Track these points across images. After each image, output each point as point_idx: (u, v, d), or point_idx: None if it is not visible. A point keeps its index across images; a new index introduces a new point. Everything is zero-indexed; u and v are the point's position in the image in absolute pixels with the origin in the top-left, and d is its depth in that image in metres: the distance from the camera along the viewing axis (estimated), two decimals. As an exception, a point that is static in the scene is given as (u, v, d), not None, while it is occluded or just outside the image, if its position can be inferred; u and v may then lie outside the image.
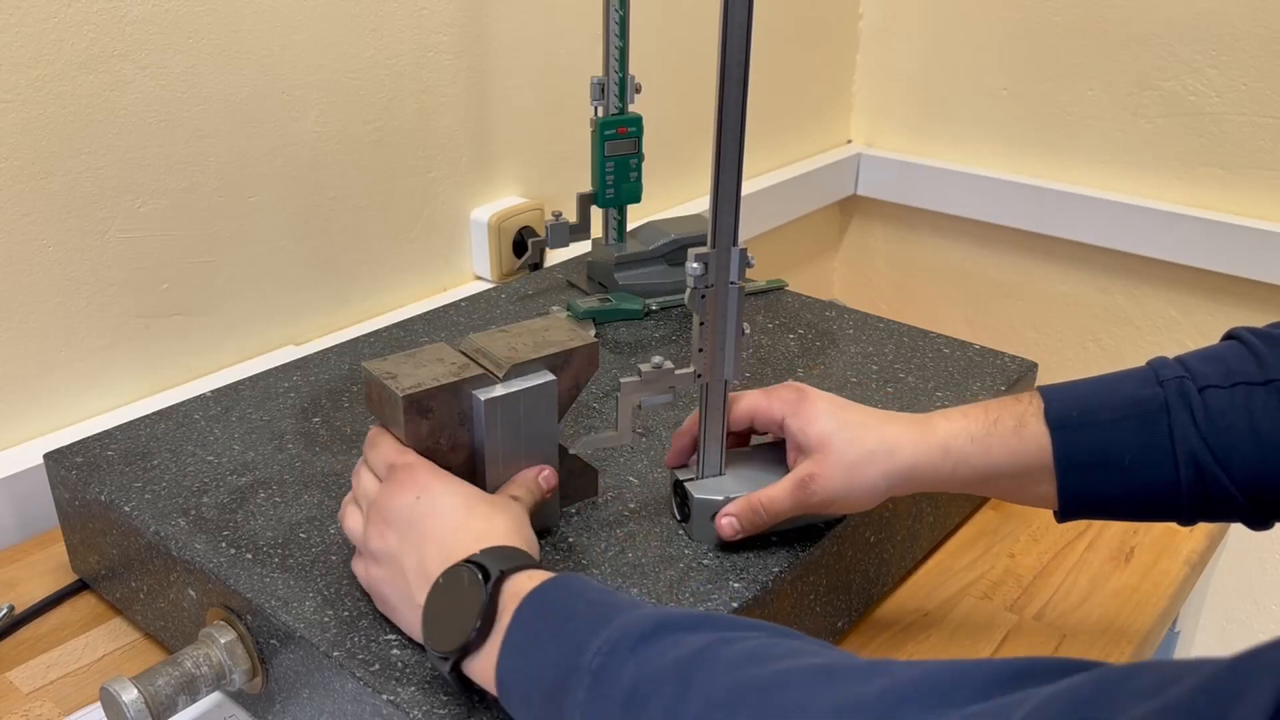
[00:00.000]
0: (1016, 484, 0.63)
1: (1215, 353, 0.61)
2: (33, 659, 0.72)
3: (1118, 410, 0.60)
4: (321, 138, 1.01)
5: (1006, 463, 0.62)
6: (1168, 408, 0.59)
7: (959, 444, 0.62)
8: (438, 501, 0.58)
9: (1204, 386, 0.59)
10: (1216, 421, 0.58)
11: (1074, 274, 1.53)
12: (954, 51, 1.56)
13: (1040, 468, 0.61)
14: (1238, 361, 0.60)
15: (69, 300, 0.87)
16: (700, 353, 0.64)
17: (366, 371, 0.63)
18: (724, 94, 0.59)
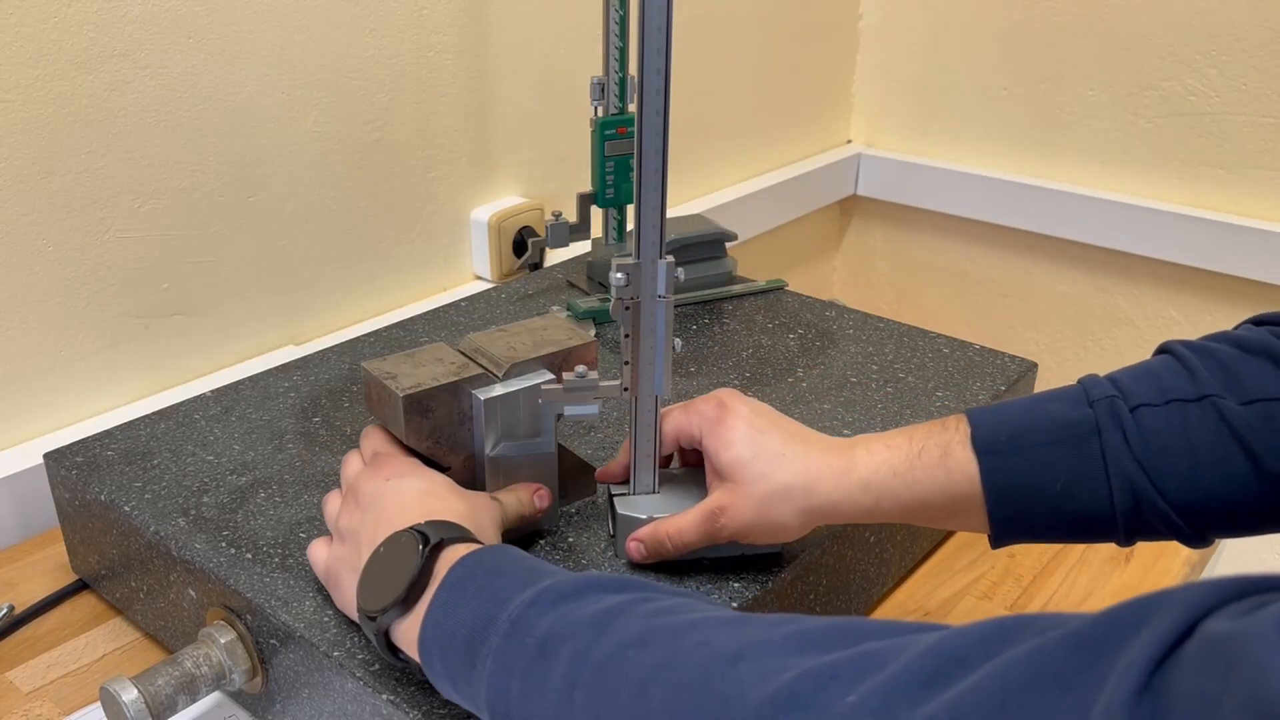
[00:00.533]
0: (945, 514, 0.60)
1: (1148, 368, 0.59)
2: (33, 659, 0.72)
3: (1048, 433, 0.58)
4: (321, 138, 1.01)
5: (932, 494, 0.59)
6: (1099, 430, 0.57)
7: (880, 478, 0.59)
8: (405, 483, 0.59)
9: (1136, 405, 0.57)
10: (1151, 442, 0.56)
11: (1074, 274, 1.53)
12: (954, 51, 1.56)
13: (968, 497, 0.58)
14: (1171, 378, 0.57)
15: (69, 300, 0.87)
16: (626, 365, 0.62)
17: (366, 372, 0.63)
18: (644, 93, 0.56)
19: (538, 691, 0.45)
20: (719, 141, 1.47)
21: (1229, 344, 0.58)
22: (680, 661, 0.42)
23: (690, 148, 1.42)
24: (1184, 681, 0.30)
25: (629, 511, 0.64)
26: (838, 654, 0.39)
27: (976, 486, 0.58)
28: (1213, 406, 0.56)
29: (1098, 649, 0.32)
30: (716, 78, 1.43)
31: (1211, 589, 0.32)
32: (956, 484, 0.58)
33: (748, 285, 1.05)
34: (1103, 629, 0.33)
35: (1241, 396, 0.55)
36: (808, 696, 0.37)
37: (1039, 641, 0.34)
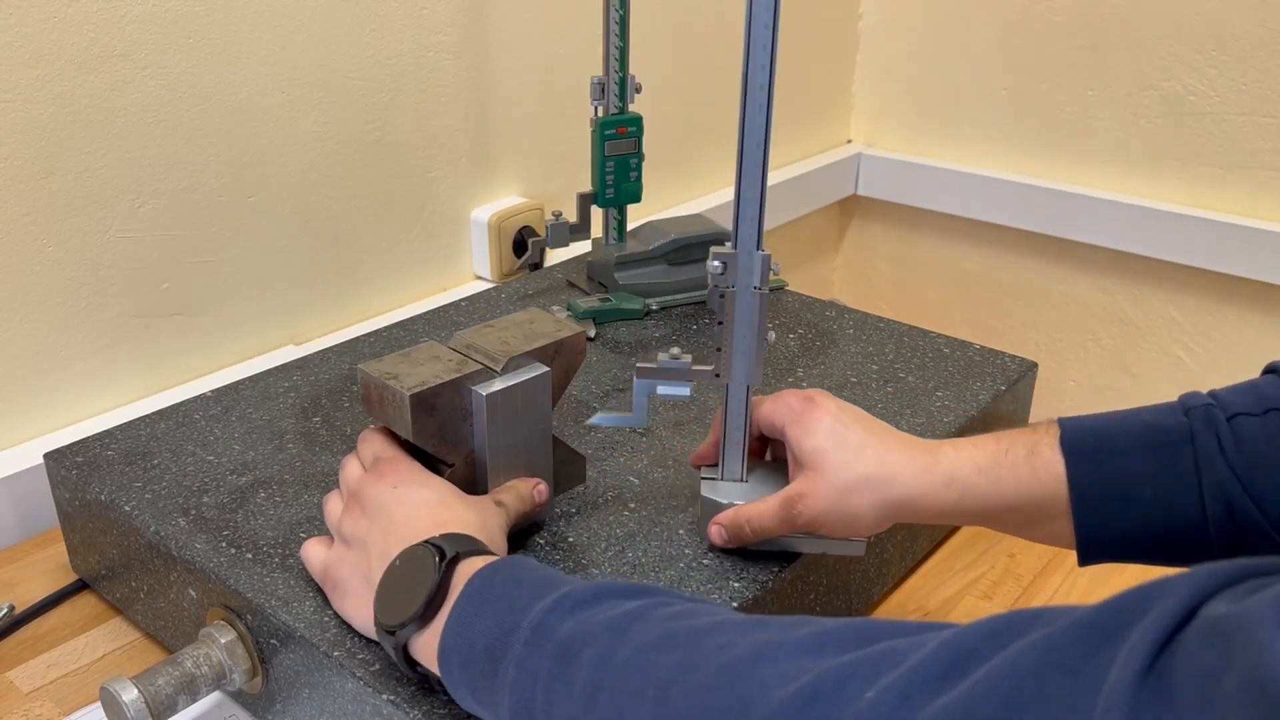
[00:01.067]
0: (1028, 519, 0.58)
1: (1251, 384, 0.57)
2: (33, 659, 0.72)
3: (1138, 438, 0.56)
4: (321, 138, 1.01)
5: (1016, 495, 0.57)
6: (1192, 436, 0.55)
7: (964, 474, 0.58)
8: (413, 492, 0.59)
9: (1234, 415, 0.54)
10: (1247, 451, 0.54)
11: (1074, 274, 1.53)
12: (954, 51, 1.56)
13: (1053, 500, 0.57)
14: (1272, 389, 0.55)
15: (69, 300, 0.87)
16: (719, 352, 0.63)
17: (364, 373, 0.63)
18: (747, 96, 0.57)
19: (562, 695, 0.46)
20: (719, 141, 1.47)
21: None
22: (702, 663, 0.43)
23: (690, 148, 1.42)
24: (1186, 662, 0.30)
25: (712, 495, 0.66)
26: (855, 653, 0.39)
27: (1063, 488, 0.56)
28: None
29: (1103, 635, 0.33)
30: (716, 78, 1.43)
31: (1212, 573, 0.33)
32: (1042, 484, 0.57)
33: (748, 285, 1.05)
34: (1108, 616, 0.33)
35: None
36: (828, 694, 0.38)
37: (1047, 631, 0.34)
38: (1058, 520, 0.57)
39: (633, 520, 0.69)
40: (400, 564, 0.55)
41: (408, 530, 0.57)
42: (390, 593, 0.55)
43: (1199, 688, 0.29)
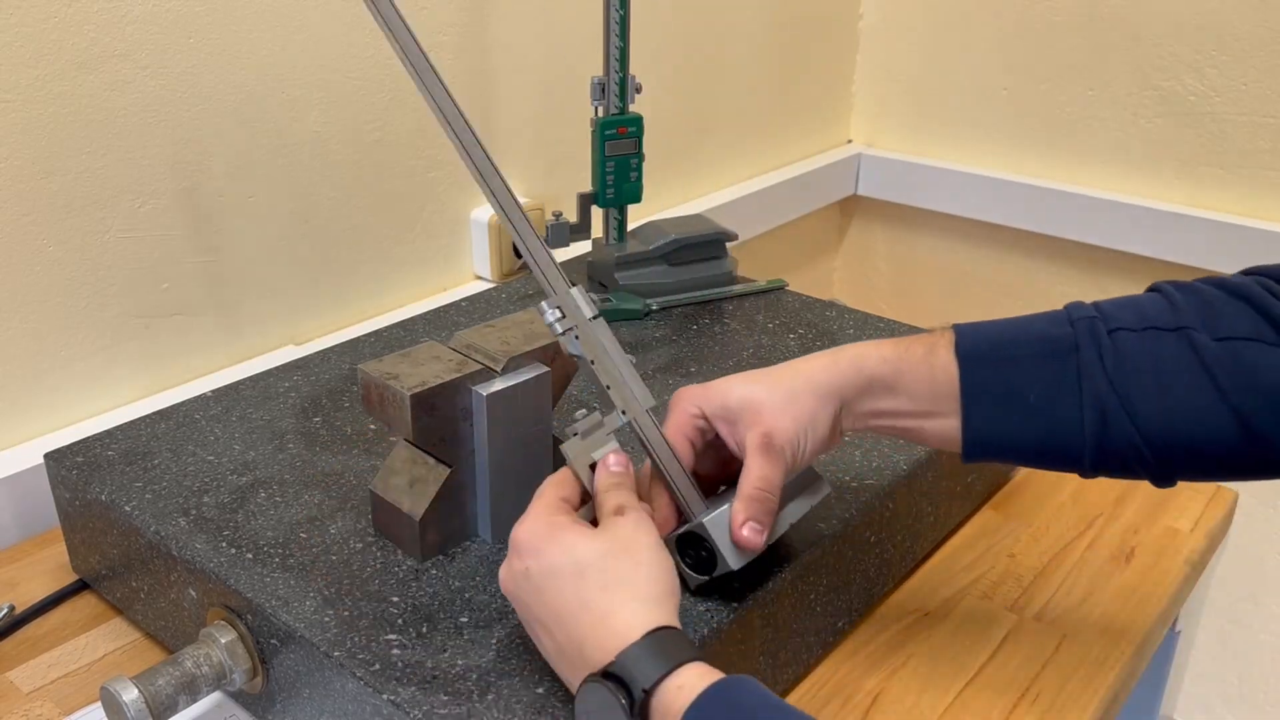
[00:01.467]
0: (922, 415, 0.61)
1: (1132, 299, 0.60)
2: (33, 659, 0.72)
3: (1027, 346, 0.60)
4: (321, 138, 1.01)
5: (916, 386, 0.61)
6: (1077, 347, 0.58)
7: (870, 364, 0.62)
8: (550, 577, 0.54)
9: (1115, 329, 0.58)
10: (1124, 365, 0.57)
11: (1074, 274, 1.53)
12: (954, 51, 1.56)
13: (946, 397, 0.60)
14: (1153, 308, 0.59)
15: (69, 300, 0.87)
16: (610, 390, 0.61)
17: (364, 374, 0.63)
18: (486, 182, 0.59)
19: None
20: (719, 141, 1.47)
21: (1214, 286, 0.59)
22: None
23: (690, 148, 1.42)
24: None
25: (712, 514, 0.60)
26: None
27: (954, 388, 0.60)
28: (1187, 338, 0.57)
29: None
30: (716, 78, 1.43)
31: None
32: (938, 382, 0.61)
33: (748, 285, 1.05)
34: None
35: (1216, 333, 0.57)
36: None
37: None
38: (946, 417, 0.61)
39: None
40: (587, 700, 0.51)
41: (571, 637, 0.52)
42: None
43: None
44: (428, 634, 0.60)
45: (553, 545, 0.54)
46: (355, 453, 0.77)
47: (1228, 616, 1.52)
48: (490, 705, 0.55)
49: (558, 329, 0.60)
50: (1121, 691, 0.73)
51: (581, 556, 0.53)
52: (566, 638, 0.52)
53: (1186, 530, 0.86)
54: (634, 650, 0.50)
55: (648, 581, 0.53)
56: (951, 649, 0.73)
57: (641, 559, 0.54)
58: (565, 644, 0.53)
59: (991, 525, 0.86)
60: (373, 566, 0.65)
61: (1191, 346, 0.57)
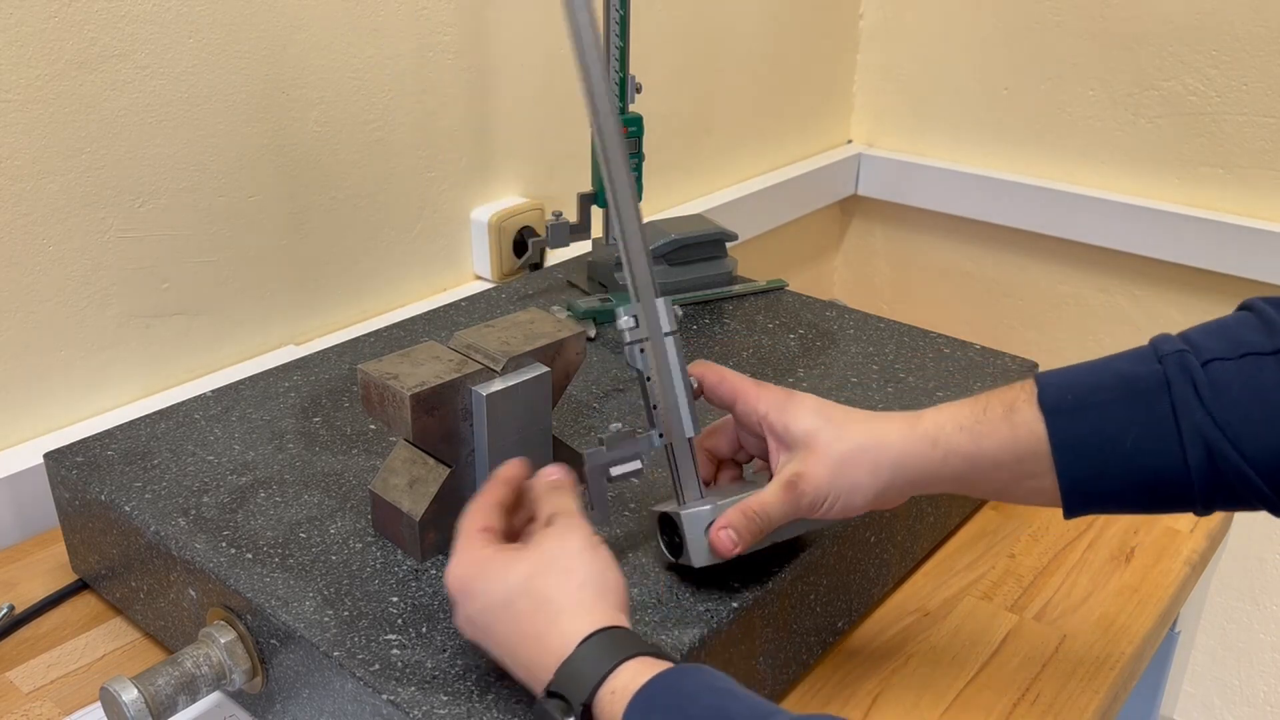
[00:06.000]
0: (1012, 476, 0.59)
1: (1222, 324, 0.57)
2: (33, 659, 0.72)
3: (1114, 390, 0.56)
4: (321, 138, 1.01)
5: (998, 451, 0.58)
6: (1168, 384, 0.55)
7: (947, 433, 0.59)
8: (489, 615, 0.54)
9: (1208, 360, 0.55)
10: (1224, 396, 0.54)
11: (1074, 274, 1.53)
12: (954, 51, 1.56)
13: (1035, 456, 0.57)
14: (1246, 331, 0.55)
15: (69, 300, 0.87)
16: (655, 410, 0.61)
17: (364, 374, 0.63)
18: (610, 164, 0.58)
19: None
20: (719, 141, 1.47)
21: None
22: None
23: (690, 148, 1.42)
24: None
25: (695, 509, 0.61)
26: None
27: (1044, 445, 0.57)
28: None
29: None
30: (716, 78, 1.43)
31: None
32: (1022, 441, 0.57)
33: (748, 285, 1.05)
34: None
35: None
36: None
37: None
38: (1041, 477, 0.58)
39: (633, 520, 0.69)
40: None
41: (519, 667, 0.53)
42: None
43: None
44: (428, 634, 0.60)
45: (480, 583, 0.54)
46: (355, 453, 0.77)
47: (1228, 617, 1.52)
48: (490, 705, 0.55)
49: (627, 337, 0.60)
50: (1121, 691, 0.73)
51: (510, 586, 0.53)
52: (523, 669, 0.53)
53: (1186, 530, 0.86)
54: (570, 663, 0.50)
55: (579, 589, 0.53)
56: (951, 649, 0.73)
57: (570, 566, 0.54)
58: (525, 676, 0.53)
59: (991, 525, 0.86)
60: (373, 566, 0.65)
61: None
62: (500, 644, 0.53)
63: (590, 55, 0.56)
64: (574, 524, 0.56)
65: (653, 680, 0.48)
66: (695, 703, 0.47)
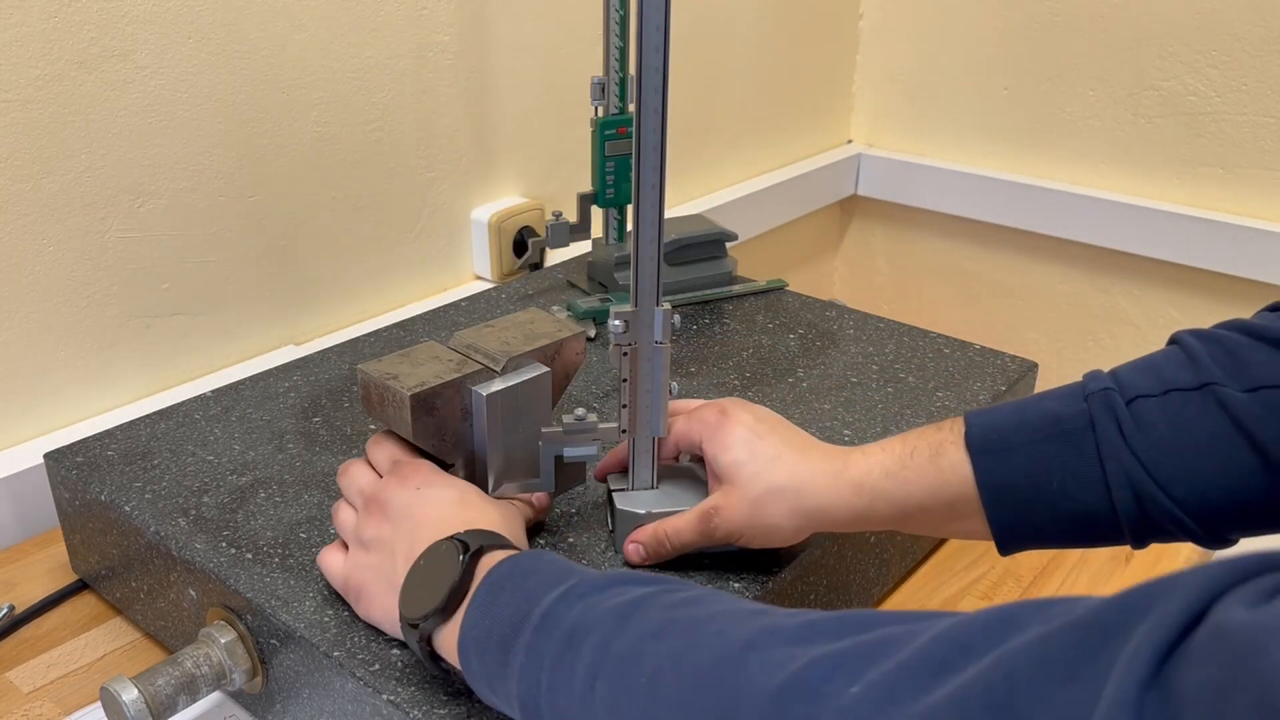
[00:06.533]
0: (941, 518, 0.58)
1: (1150, 360, 0.56)
2: (33, 659, 0.72)
3: (1039, 430, 0.55)
4: (321, 138, 1.01)
5: (925, 496, 0.57)
6: (1093, 423, 0.54)
7: (873, 479, 0.58)
8: (437, 493, 0.59)
9: (1133, 398, 0.54)
10: (1149, 434, 0.53)
11: (1074, 274, 1.53)
12: (954, 51, 1.56)
13: (963, 499, 0.57)
14: (1172, 368, 0.55)
15: (69, 300, 0.87)
16: (624, 409, 0.63)
17: (364, 374, 0.63)
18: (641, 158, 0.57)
19: (564, 682, 0.45)
20: (719, 141, 1.47)
21: (1240, 331, 0.55)
22: (694, 652, 0.42)
23: (690, 148, 1.42)
24: (1193, 674, 0.28)
25: (628, 507, 0.65)
26: (848, 641, 0.38)
27: (971, 487, 0.56)
28: (1213, 394, 0.53)
29: (1104, 637, 0.31)
30: (716, 78, 1.43)
31: (1224, 569, 0.30)
32: (950, 484, 0.57)
33: (748, 285, 1.05)
34: (1110, 615, 0.31)
35: (1245, 383, 0.53)
36: (813, 687, 0.37)
37: (1044, 630, 0.32)
38: (970, 519, 0.57)
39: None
40: (425, 560, 0.55)
41: (434, 530, 0.56)
42: (414, 587, 0.54)
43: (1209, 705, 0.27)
44: (427, 634, 0.60)
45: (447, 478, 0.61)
46: (355, 453, 0.77)
47: (1228, 616, 1.52)
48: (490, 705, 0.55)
49: (611, 339, 0.61)
50: (1121, 691, 0.72)
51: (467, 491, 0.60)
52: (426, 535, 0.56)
53: (1186, 530, 0.86)
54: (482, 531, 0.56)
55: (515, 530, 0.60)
56: (951, 649, 0.73)
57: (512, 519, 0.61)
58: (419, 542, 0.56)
59: (991, 525, 0.86)
60: (373, 566, 0.65)
61: (1219, 403, 0.53)
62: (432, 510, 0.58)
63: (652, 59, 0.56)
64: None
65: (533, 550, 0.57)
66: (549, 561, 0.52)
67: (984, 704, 0.32)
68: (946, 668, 0.34)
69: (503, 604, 0.50)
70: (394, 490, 0.60)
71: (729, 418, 0.62)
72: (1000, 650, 0.33)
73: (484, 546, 0.54)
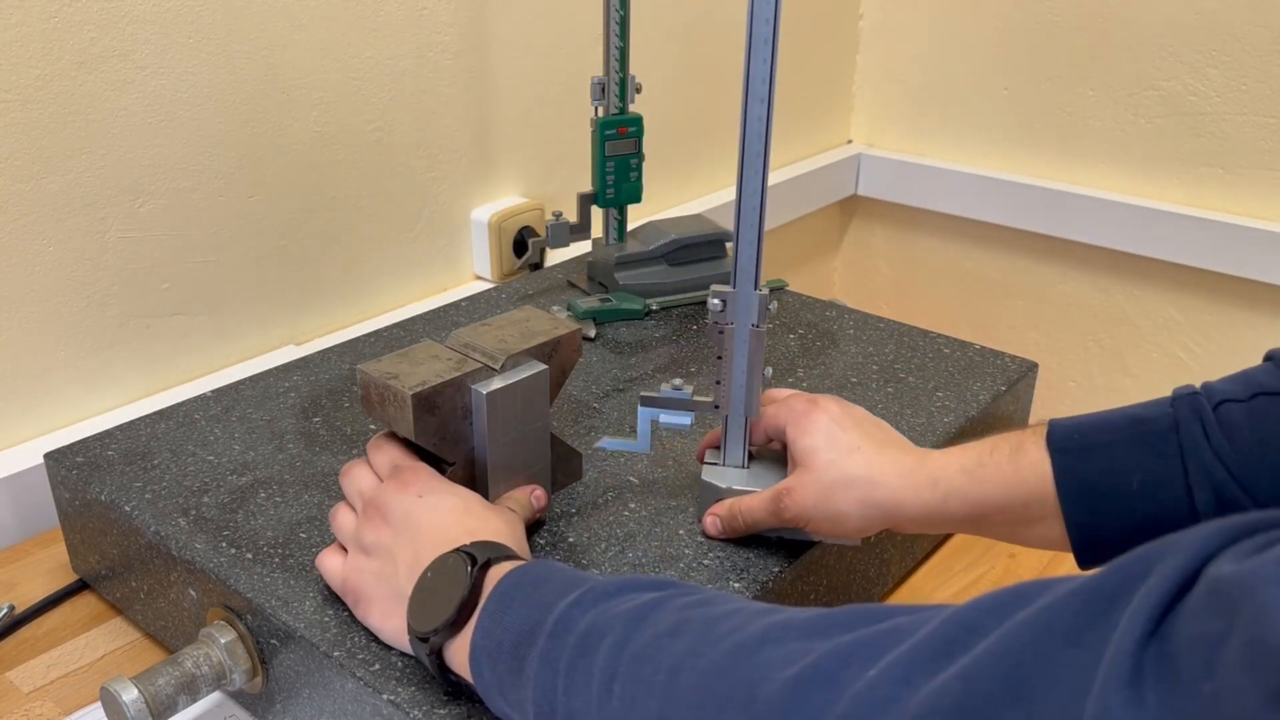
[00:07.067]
0: (1017, 519, 0.58)
1: (1243, 372, 0.56)
2: (33, 659, 0.72)
3: (1123, 431, 0.55)
4: (321, 138, 1.01)
5: (1002, 494, 0.57)
6: (1177, 425, 0.54)
7: (949, 475, 0.58)
8: (440, 500, 0.59)
9: (1220, 402, 0.54)
10: (1234, 437, 0.52)
11: (1074, 274, 1.53)
12: (954, 51, 1.56)
13: (1040, 499, 0.56)
14: (1261, 375, 0.54)
15: (69, 300, 0.87)
16: (718, 385, 0.65)
17: (364, 374, 0.63)
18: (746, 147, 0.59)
19: (581, 685, 0.46)
20: (719, 141, 1.47)
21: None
22: (710, 648, 0.42)
23: (690, 148, 1.42)
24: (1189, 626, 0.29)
25: (712, 480, 0.67)
26: (860, 632, 0.39)
27: (1049, 486, 0.56)
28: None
29: (1107, 601, 0.31)
30: (717, 78, 1.43)
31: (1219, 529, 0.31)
32: (1028, 483, 0.56)
33: (748, 285, 1.05)
34: (1111, 581, 0.32)
35: None
36: (830, 675, 0.38)
37: (1048, 600, 0.33)
38: (1047, 520, 0.57)
39: (633, 520, 0.69)
40: (432, 573, 0.55)
41: (437, 538, 0.56)
42: (423, 600, 0.54)
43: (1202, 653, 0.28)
44: (428, 634, 0.60)
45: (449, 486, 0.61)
46: (355, 453, 0.77)
47: (1228, 616, 1.52)
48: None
49: (711, 316, 0.63)
50: (1121, 691, 0.72)
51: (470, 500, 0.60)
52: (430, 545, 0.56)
53: (1186, 530, 0.86)
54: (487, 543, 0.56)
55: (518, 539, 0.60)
56: (951, 649, 0.73)
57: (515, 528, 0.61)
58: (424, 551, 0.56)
59: (991, 525, 0.86)
60: (373, 566, 0.65)
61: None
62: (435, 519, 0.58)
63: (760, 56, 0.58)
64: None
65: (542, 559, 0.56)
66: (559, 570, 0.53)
67: (993, 675, 0.32)
68: (957, 647, 0.34)
69: (514, 612, 0.50)
70: (395, 496, 0.59)
71: (816, 406, 0.64)
72: (1007, 625, 0.33)
73: (491, 559, 0.54)
